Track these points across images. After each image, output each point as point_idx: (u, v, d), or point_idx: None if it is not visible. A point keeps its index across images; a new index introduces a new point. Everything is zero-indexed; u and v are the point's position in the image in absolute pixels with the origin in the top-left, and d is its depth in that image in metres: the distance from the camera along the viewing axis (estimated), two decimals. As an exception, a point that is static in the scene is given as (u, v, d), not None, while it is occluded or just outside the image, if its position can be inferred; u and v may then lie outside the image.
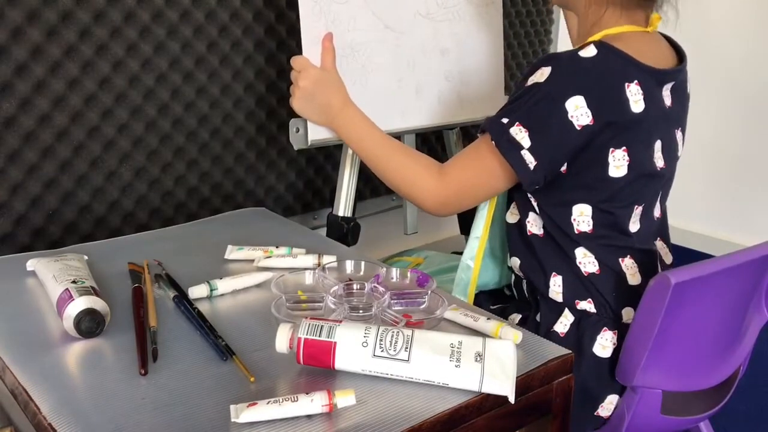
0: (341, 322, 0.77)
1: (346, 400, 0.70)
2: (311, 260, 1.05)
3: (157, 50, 1.33)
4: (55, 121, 1.24)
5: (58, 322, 0.86)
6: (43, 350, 0.82)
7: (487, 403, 0.75)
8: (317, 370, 0.77)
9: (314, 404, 0.69)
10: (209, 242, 1.15)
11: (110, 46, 1.27)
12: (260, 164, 1.54)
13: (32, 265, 1.01)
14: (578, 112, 0.98)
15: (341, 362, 0.75)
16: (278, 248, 1.09)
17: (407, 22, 1.33)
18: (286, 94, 1.22)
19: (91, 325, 0.84)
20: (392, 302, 0.90)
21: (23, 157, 1.22)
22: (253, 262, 1.07)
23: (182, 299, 0.92)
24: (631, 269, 1.07)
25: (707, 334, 1.01)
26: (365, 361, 0.75)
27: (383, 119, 1.23)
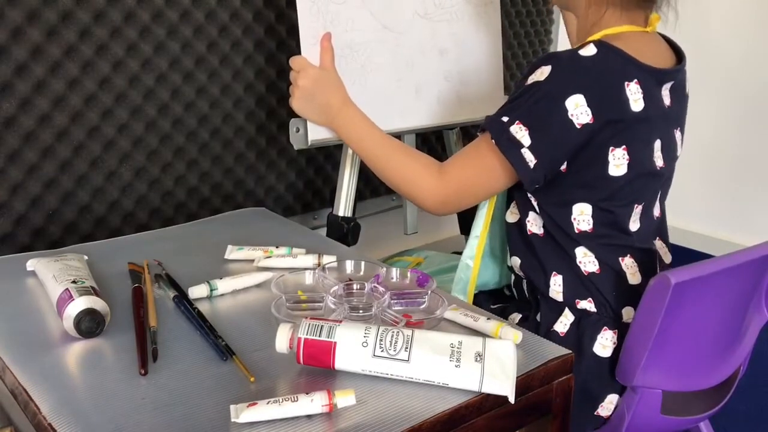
0: (341, 322, 0.77)
1: (346, 400, 0.70)
2: (311, 260, 1.05)
3: (157, 50, 1.33)
4: (55, 121, 1.24)
5: (58, 322, 0.86)
6: (43, 350, 0.82)
7: (487, 403, 0.75)
8: (317, 370, 0.77)
9: (314, 404, 0.69)
10: (209, 242, 1.15)
11: (110, 46, 1.27)
12: (260, 164, 1.54)
13: (32, 265, 1.01)
14: (578, 110, 0.98)
15: (341, 362, 0.75)
16: (278, 248, 1.08)
17: (405, 22, 1.33)
18: (286, 94, 1.22)
19: (91, 325, 0.84)
20: (392, 302, 0.90)
21: (23, 157, 1.22)
22: (253, 262, 1.07)
23: (182, 299, 0.92)
24: (631, 268, 1.07)
25: (707, 334, 1.01)
26: (365, 361, 0.75)
27: (383, 119, 1.23)
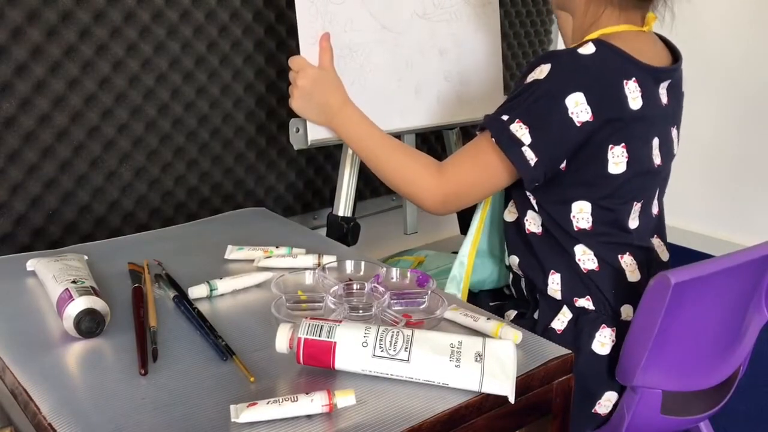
0: (341, 322, 0.77)
1: (346, 400, 0.70)
2: (311, 260, 1.05)
3: (157, 50, 1.33)
4: (55, 121, 1.24)
5: (58, 322, 0.86)
6: (43, 350, 0.82)
7: (487, 403, 0.75)
8: (317, 370, 0.77)
9: (314, 404, 0.69)
10: (209, 242, 1.15)
11: (110, 46, 1.27)
12: (260, 164, 1.54)
13: (32, 265, 1.01)
14: (578, 108, 0.98)
15: (341, 362, 0.75)
16: (278, 248, 1.08)
17: (404, 22, 1.33)
18: (286, 94, 1.22)
19: (91, 325, 0.84)
20: (392, 302, 0.90)
21: (23, 157, 1.22)
22: (253, 262, 1.07)
23: (182, 299, 0.92)
24: (630, 266, 1.07)
25: (707, 334, 1.01)
26: (365, 361, 0.75)
27: (382, 119, 1.23)
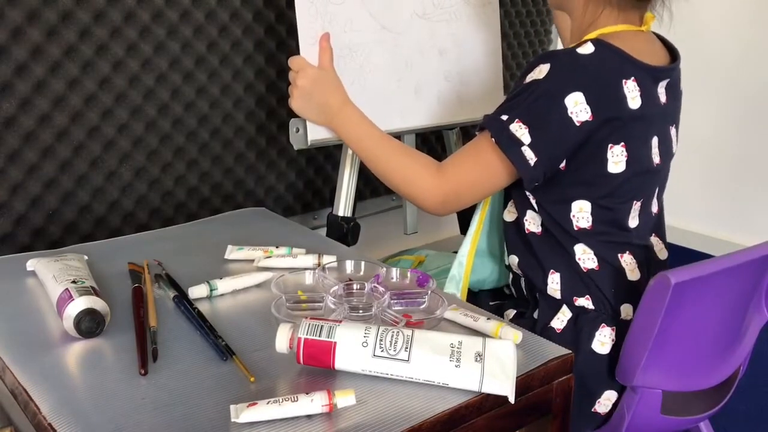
0: (341, 322, 0.77)
1: (346, 400, 0.70)
2: (311, 260, 1.05)
3: (157, 50, 1.33)
4: (55, 121, 1.24)
5: (58, 322, 0.86)
6: (43, 350, 0.82)
7: (487, 403, 0.75)
8: (317, 370, 0.77)
9: (314, 404, 0.69)
10: (209, 242, 1.15)
11: (110, 46, 1.27)
12: (260, 164, 1.54)
13: (32, 265, 1.01)
14: (578, 108, 0.98)
15: (341, 362, 0.75)
16: (278, 248, 1.08)
17: (404, 22, 1.33)
18: (286, 94, 1.22)
19: (91, 325, 0.84)
20: (392, 302, 0.90)
21: (23, 157, 1.22)
22: (253, 262, 1.07)
23: (182, 299, 0.92)
24: (630, 265, 1.07)
25: (707, 334, 1.01)
26: (365, 361, 0.75)
27: (382, 119, 1.22)
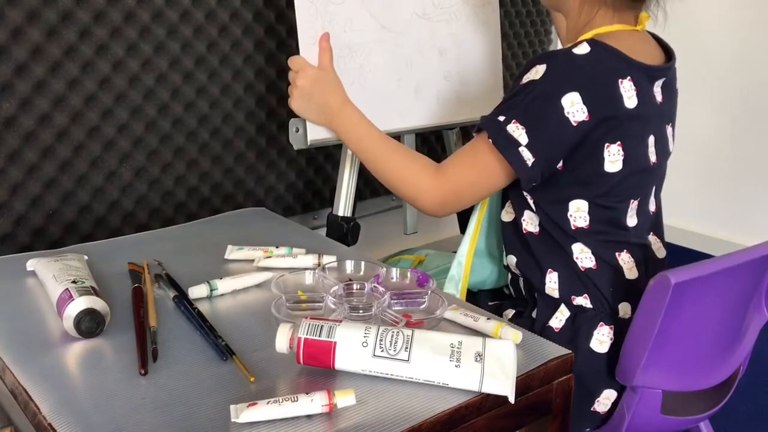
0: (341, 322, 0.77)
1: (346, 400, 0.70)
2: (311, 260, 1.05)
3: (157, 50, 1.33)
4: (55, 121, 1.24)
5: (58, 322, 0.86)
6: (43, 350, 0.82)
7: (487, 403, 0.75)
8: (317, 370, 0.77)
9: (314, 404, 0.69)
10: (209, 242, 1.15)
11: (110, 46, 1.27)
12: (260, 164, 1.54)
13: (32, 265, 1.01)
14: (574, 108, 0.98)
15: (341, 362, 0.75)
16: (278, 248, 1.08)
17: (404, 22, 1.33)
18: (285, 94, 1.22)
19: (91, 325, 0.84)
20: (392, 302, 0.90)
21: (23, 157, 1.22)
22: (253, 262, 1.07)
23: (182, 299, 0.92)
24: (627, 264, 1.08)
25: (707, 334, 1.01)
26: (365, 361, 0.75)
27: (382, 119, 1.22)
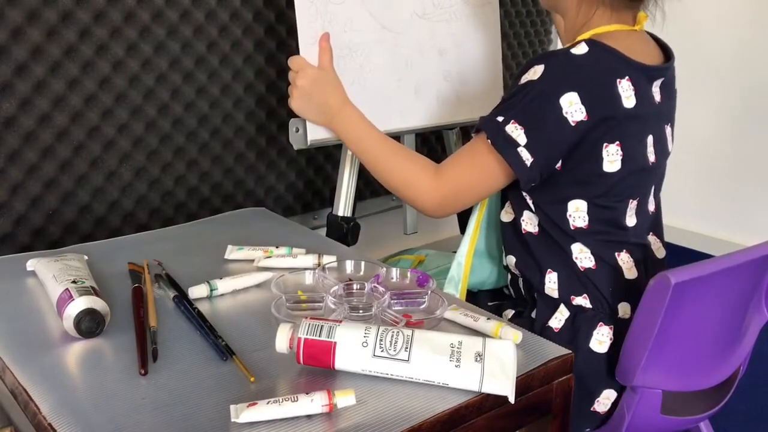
0: (341, 322, 0.77)
1: (346, 400, 0.70)
2: (311, 260, 1.05)
3: (157, 50, 1.33)
4: (55, 121, 1.24)
5: (58, 322, 0.86)
6: (43, 350, 0.82)
7: (487, 403, 0.75)
8: (317, 370, 0.77)
9: (314, 404, 0.69)
10: (209, 242, 1.15)
11: (110, 46, 1.27)
12: (260, 164, 1.54)
13: (32, 265, 1.01)
14: (573, 108, 0.98)
15: (341, 362, 0.75)
16: (278, 248, 1.08)
17: (404, 22, 1.33)
18: (285, 94, 1.22)
19: (91, 325, 0.84)
20: (392, 302, 0.90)
21: (23, 157, 1.22)
22: (253, 262, 1.07)
23: (182, 299, 0.92)
24: (627, 263, 1.08)
25: (707, 334, 1.01)
26: (365, 361, 0.75)
27: (382, 119, 1.22)
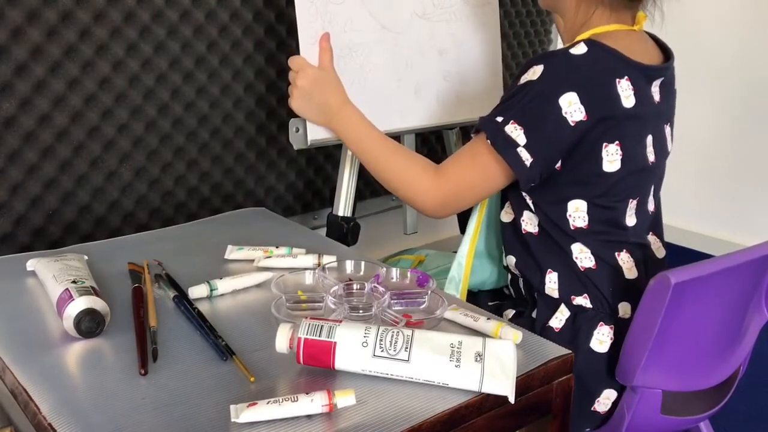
0: (341, 322, 0.77)
1: (346, 400, 0.70)
2: (311, 260, 1.05)
3: (157, 50, 1.33)
4: (55, 121, 1.24)
5: (58, 322, 0.86)
6: (43, 350, 0.82)
7: (487, 403, 0.75)
8: (317, 370, 0.77)
9: (314, 404, 0.69)
10: (209, 242, 1.15)
11: (110, 46, 1.27)
12: (260, 164, 1.54)
13: (32, 265, 1.01)
14: (572, 108, 0.98)
15: (341, 362, 0.75)
16: (278, 248, 1.08)
17: (404, 22, 1.33)
18: (286, 94, 1.22)
19: (91, 325, 0.84)
20: (392, 302, 0.90)
21: (23, 157, 1.22)
22: (253, 262, 1.07)
23: (182, 299, 0.92)
24: (627, 263, 1.08)
25: (707, 334, 1.01)
26: (365, 361, 0.75)
27: (382, 119, 1.22)
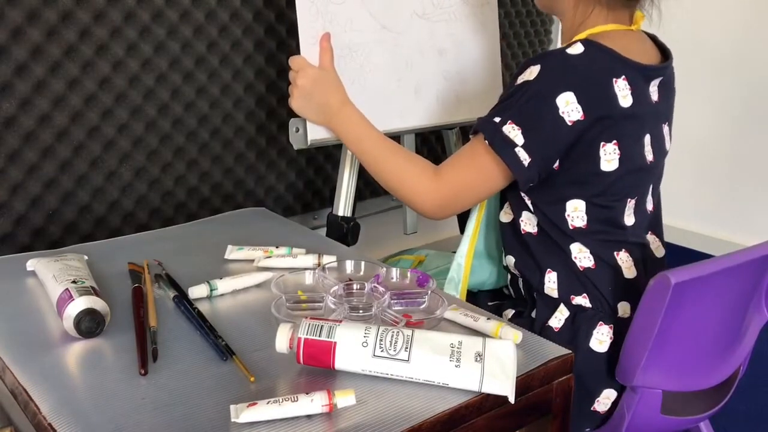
0: (341, 322, 0.77)
1: (346, 400, 0.70)
2: (311, 260, 1.05)
3: (157, 50, 1.33)
4: (55, 121, 1.24)
5: (58, 322, 0.86)
6: (43, 350, 0.82)
7: (487, 403, 0.75)
8: (317, 370, 0.77)
9: (314, 404, 0.69)
10: (209, 242, 1.15)
11: (110, 46, 1.27)
12: (260, 164, 1.54)
13: (32, 265, 1.01)
14: (569, 108, 0.99)
15: (341, 362, 0.75)
16: (278, 248, 1.09)
17: (404, 22, 1.33)
18: (286, 94, 1.22)
19: (91, 325, 0.84)
20: (392, 302, 0.90)
21: (23, 157, 1.22)
22: (253, 262, 1.07)
23: (182, 299, 0.92)
24: (626, 263, 1.08)
25: (707, 334, 1.01)
26: (365, 361, 0.75)
27: (382, 119, 1.23)
